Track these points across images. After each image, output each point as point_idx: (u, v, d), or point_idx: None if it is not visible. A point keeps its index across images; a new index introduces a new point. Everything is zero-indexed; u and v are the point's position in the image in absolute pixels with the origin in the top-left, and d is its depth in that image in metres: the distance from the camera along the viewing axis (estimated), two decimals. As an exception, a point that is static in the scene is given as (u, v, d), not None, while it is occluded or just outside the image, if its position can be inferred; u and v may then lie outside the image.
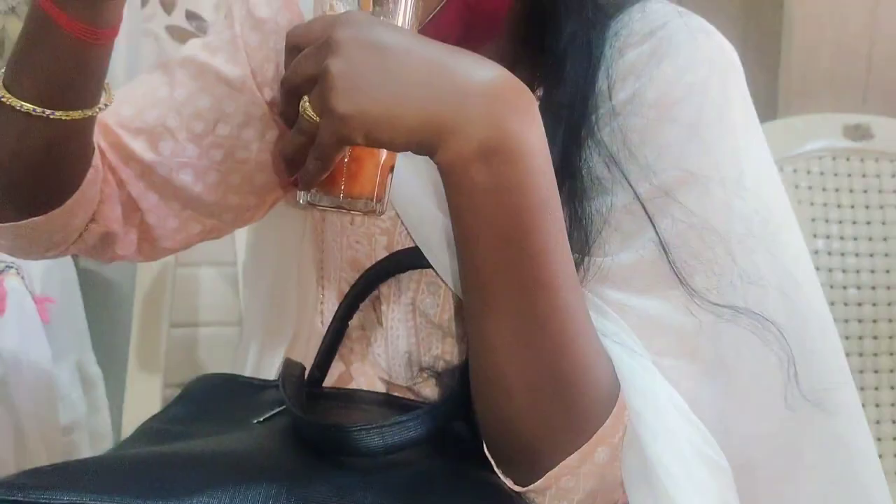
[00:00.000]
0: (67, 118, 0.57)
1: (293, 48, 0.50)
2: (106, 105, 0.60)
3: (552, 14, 0.62)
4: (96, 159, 0.64)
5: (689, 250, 0.57)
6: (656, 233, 0.58)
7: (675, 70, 0.60)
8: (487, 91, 0.48)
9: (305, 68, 0.48)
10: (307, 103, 0.48)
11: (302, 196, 0.53)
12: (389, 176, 0.54)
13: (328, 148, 0.48)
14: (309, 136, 0.49)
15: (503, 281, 0.50)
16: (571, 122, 0.61)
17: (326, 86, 0.46)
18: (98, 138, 0.65)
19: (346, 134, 0.47)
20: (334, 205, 0.53)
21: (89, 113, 0.59)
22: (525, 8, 0.63)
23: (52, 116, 0.57)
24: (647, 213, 0.58)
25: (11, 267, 0.92)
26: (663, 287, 0.57)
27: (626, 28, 0.63)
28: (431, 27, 0.59)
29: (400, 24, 0.52)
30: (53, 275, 0.95)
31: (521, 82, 0.50)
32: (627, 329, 0.57)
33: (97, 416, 0.97)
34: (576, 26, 0.62)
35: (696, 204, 0.58)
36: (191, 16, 1.30)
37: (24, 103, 0.56)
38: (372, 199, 0.53)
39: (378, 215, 0.54)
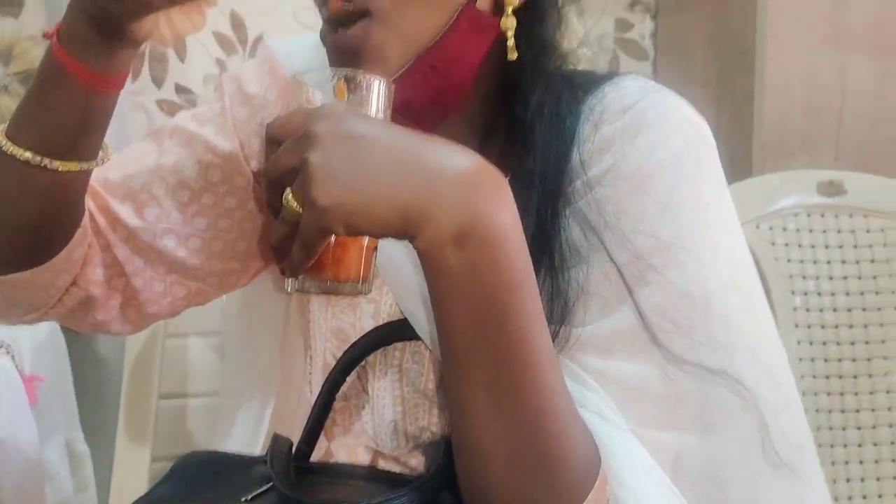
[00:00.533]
0: (65, 169, 0.59)
1: (273, 141, 0.52)
2: (104, 161, 0.62)
3: (519, 83, 0.65)
4: (85, 220, 0.66)
5: (667, 317, 0.59)
6: (634, 301, 0.59)
7: (648, 145, 0.62)
8: (459, 178, 0.49)
9: (286, 161, 0.49)
10: (290, 195, 0.49)
11: (290, 283, 0.55)
12: (374, 255, 0.56)
13: (311, 238, 0.49)
14: (293, 226, 0.50)
15: (480, 357, 0.51)
16: (545, 190, 0.63)
17: (306, 178, 0.48)
18: (87, 201, 0.67)
19: (326, 225, 0.48)
20: (321, 290, 0.54)
21: (86, 167, 0.60)
22: (495, 74, 0.65)
23: (49, 166, 0.58)
24: (625, 281, 0.60)
25: (1, 346, 0.93)
26: (643, 354, 0.59)
27: (601, 104, 0.65)
28: (400, 83, 0.59)
29: (374, 112, 0.54)
30: (44, 353, 0.96)
31: (493, 167, 0.51)
32: (607, 399, 0.58)
33: (84, 495, 0.97)
34: (543, 97, 0.64)
35: (673, 273, 0.60)
36: (180, 89, 1.34)
37: (24, 152, 0.58)
38: (358, 282, 0.55)
39: (365, 295, 0.56)
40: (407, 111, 0.62)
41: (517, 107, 0.65)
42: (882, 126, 1.50)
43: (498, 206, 0.50)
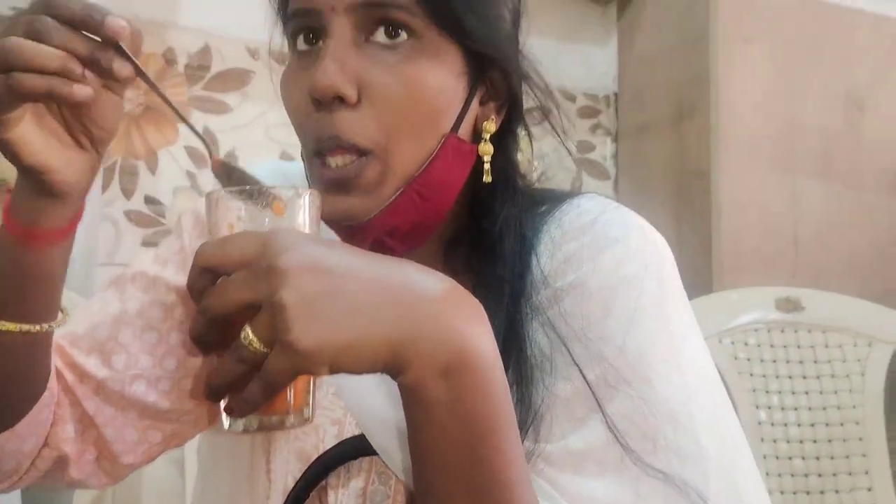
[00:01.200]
0: (16, 330, 0.56)
1: (206, 270, 0.47)
2: (61, 323, 0.60)
3: (489, 201, 0.66)
4: (52, 381, 0.64)
5: (636, 427, 0.59)
6: (604, 414, 0.59)
7: (612, 263, 0.63)
8: (440, 306, 0.48)
9: (239, 295, 0.45)
10: (251, 335, 0.45)
11: (231, 423, 0.50)
12: (318, 381, 0.55)
13: (280, 380, 0.46)
14: (251, 366, 0.46)
15: (461, 487, 0.50)
16: (512, 298, 0.64)
17: (280, 318, 0.44)
18: (54, 359, 0.65)
19: (306, 367, 0.45)
20: (267, 426, 0.51)
21: (37, 328, 0.58)
22: (466, 197, 0.67)
23: (1, 328, 0.56)
24: (594, 394, 0.60)
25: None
26: (614, 472, 0.58)
27: (564, 220, 0.67)
28: (389, 211, 0.61)
29: (310, 226, 0.51)
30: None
31: (465, 289, 0.51)
32: None
33: None
34: (510, 212, 0.66)
35: (640, 386, 0.60)
36: (150, 200, 1.35)
37: None
38: (304, 411, 0.51)
39: (310, 423, 0.53)
40: (393, 236, 0.63)
41: (485, 221, 0.66)
42: (834, 245, 1.55)
43: (478, 332, 0.50)
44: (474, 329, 0.49)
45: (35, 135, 0.53)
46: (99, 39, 0.51)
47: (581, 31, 1.73)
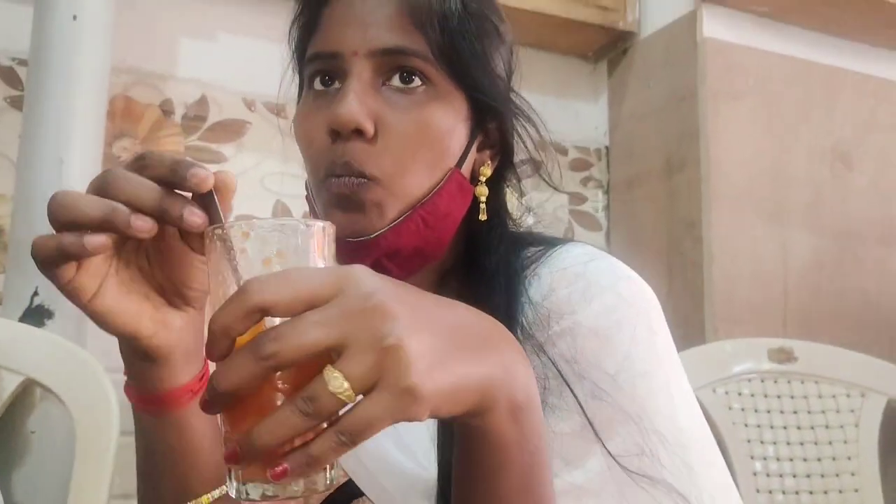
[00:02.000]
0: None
1: (258, 311, 0.41)
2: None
3: (484, 238, 0.70)
4: None
5: (638, 464, 0.62)
6: (605, 450, 0.62)
7: (605, 308, 0.66)
8: (514, 347, 0.49)
9: (323, 337, 0.41)
10: (344, 381, 0.40)
11: (251, 489, 0.44)
12: None
13: (374, 428, 0.41)
14: (325, 419, 0.41)
15: None
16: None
17: (397, 361, 0.40)
18: None
19: (412, 414, 0.41)
20: (294, 493, 0.44)
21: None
22: (461, 233, 0.71)
23: None
24: (594, 430, 0.63)
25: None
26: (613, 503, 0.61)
27: (555, 265, 0.69)
28: (394, 232, 0.64)
29: (327, 257, 0.48)
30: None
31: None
32: None
33: None
34: (505, 251, 0.69)
35: (640, 422, 0.63)
36: (143, 248, 1.35)
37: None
38: (335, 470, 0.45)
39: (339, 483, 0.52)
40: (393, 259, 0.66)
41: (481, 257, 0.69)
42: (824, 296, 1.56)
43: (524, 368, 0.49)
44: (528, 369, 0.50)
45: (122, 301, 0.52)
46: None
47: (572, 88, 1.77)
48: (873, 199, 1.65)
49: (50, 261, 0.48)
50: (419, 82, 0.65)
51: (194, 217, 0.48)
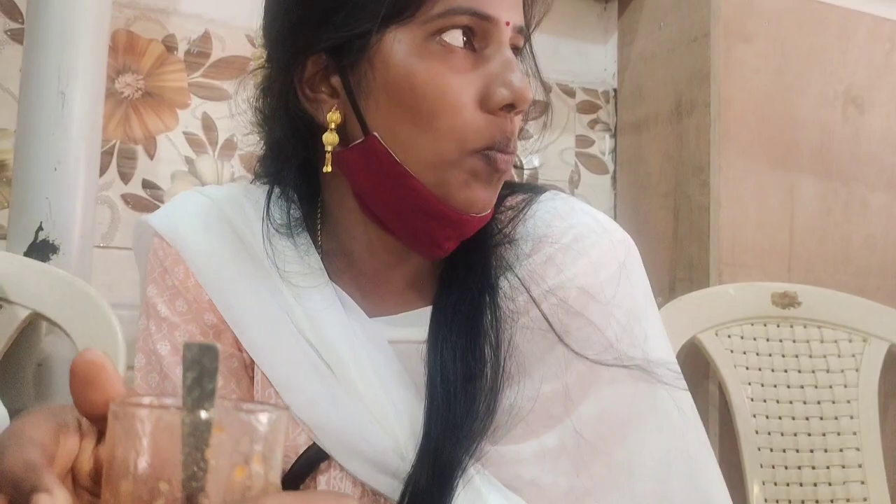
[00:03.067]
0: None
1: None
2: None
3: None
4: None
5: (616, 420, 0.66)
6: (580, 415, 0.66)
7: (591, 266, 0.69)
8: None
9: None
10: None
11: None
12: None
13: None
14: None
15: None
16: (494, 304, 0.68)
17: None
18: None
19: None
20: None
21: None
22: None
23: None
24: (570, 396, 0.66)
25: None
26: (586, 465, 0.64)
27: (539, 222, 0.72)
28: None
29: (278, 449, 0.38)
30: None
31: None
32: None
33: None
34: (490, 224, 0.70)
35: (616, 379, 0.67)
36: (148, 184, 1.35)
37: None
38: None
39: None
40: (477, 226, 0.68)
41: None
42: (830, 241, 1.56)
43: None
44: None
45: None
46: None
47: (581, 28, 1.74)
48: (884, 144, 1.63)
49: None
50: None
51: None
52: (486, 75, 0.63)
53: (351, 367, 0.67)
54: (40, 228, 1.15)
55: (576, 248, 0.70)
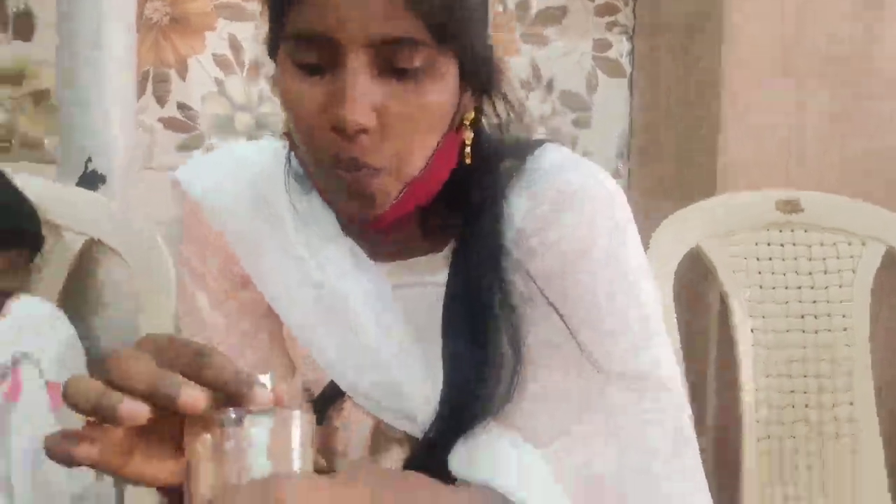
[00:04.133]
0: None
1: None
2: None
3: (470, 178, 0.74)
4: None
5: (602, 346, 0.72)
6: (579, 344, 0.71)
7: (581, 222, 0.72)
8: None
9: None
10: None
11: None
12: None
13: None
14: None
15: None
16: (494, 259, 0.73)
17: None
18: None
19: None
20: None
21: None
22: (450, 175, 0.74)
23: None
24: (569, 329, 0.71)
25: (28, 357, 1.03)
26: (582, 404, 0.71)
27: (533, 178, 0.75)
28: (395, 207, 0.69)
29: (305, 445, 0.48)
30: (65, 362, 1.06)
31: None
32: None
33: (102, 483, 1.08)
34: (488, 183, 0.74)
35: (609, 319, 0.72)
36: (182, 106, 1.43)
37: None
38: None
39: None
40: (396, 221, 0.71)
41: (473, 192, 0.74)
42: (838, 149, 1.60)
43: None
44: None
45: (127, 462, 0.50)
46: None
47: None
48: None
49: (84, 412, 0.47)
50: (417, 64, 0.63)
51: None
52: (328, 94, 0.64)
53: (360, 315, 0.76)
54: (89, 160, 1.24)
55: (567, 204, 0.72)
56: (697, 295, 1.52)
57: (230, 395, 0.46)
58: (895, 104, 1.63)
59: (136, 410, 0.45)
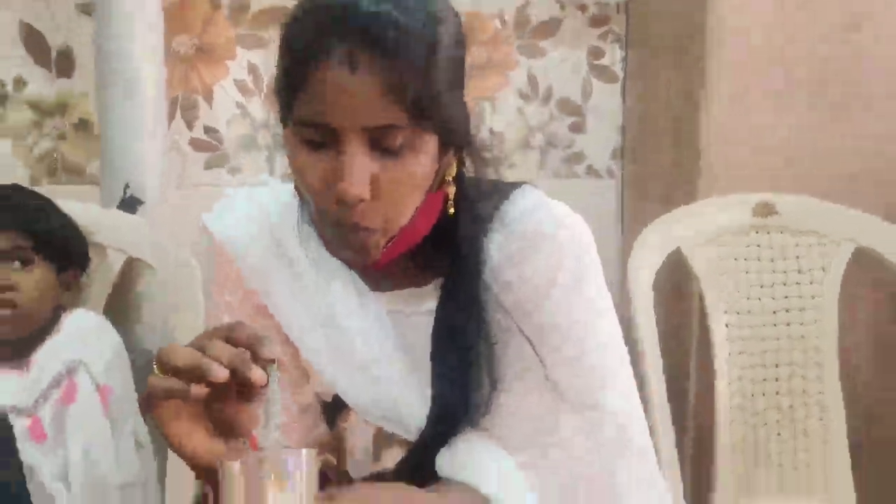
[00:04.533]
0: None
1: None
2: None
3: (453, 224, 0.86)
4: None
5: (565, 375, 0.86)
6: (546, 368, 0.85)
7: (548, 261, 0.85)
8: None
9: None
10: None
11: None
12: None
13: None
14: None
15: None
16: (475, 291, 0.86)
17: None
18: None
19: None
20: None
21: None
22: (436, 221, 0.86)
23: None
24: (538, 355, 0.85)
25: (81, 364, 1.21)
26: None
27: (507, 221, 0.87)
28: (385, 254, 0.81)
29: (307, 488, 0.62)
30: (113, 368, 1.24)
31: None
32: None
33: (147, 472, 1.25)
34: (469, 227, 0.86)
35: (571, 348, 0.86)
36: (208, 129, 1.58)
37: None
38: None
39: None
40: (375, 267, 0.84)
41: (451, 235, 0.86)
42: (818, 152, 1.70)
43: None
44: None
45: (188, 430, 0.67)
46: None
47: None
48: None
49: (159, 397, 0.64)
50: (402, 142, 0.75)
51: (259, 377, 0.63)
52: (330, 169, 0.75)
53: (363, 345, 0.90)
54: (127, 186, 1.41)
55: (537, 245, 0.84)
56: (681, 294, 1.65)
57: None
58: (874, 115, 1.72)
59: (222, 372, 0.62)
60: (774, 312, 1.59)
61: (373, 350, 0.91)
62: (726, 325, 1.56)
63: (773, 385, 1.57)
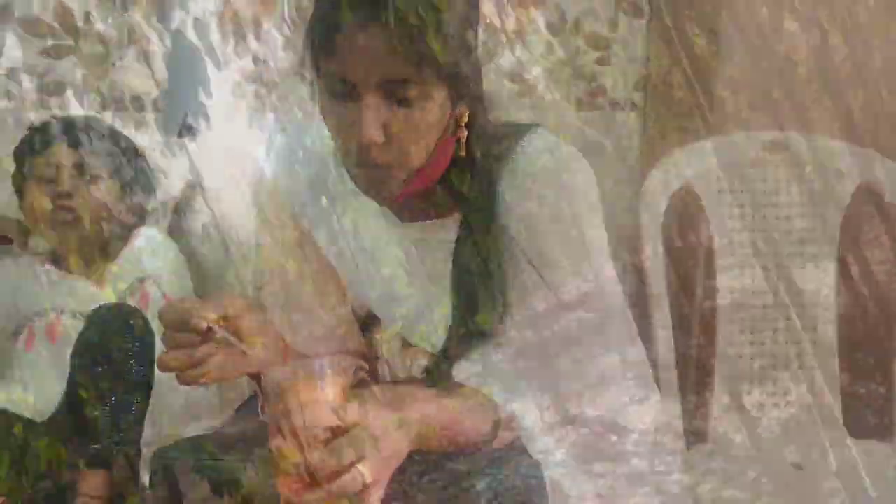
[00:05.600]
0: None
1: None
2: None
3: (467, 163, 0.96)
4: None
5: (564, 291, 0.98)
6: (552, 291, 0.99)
7: (555, 195, 0.96)
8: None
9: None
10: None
11: None
12: None
13: None
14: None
15: None
16: (490, 227, 0.99)
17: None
18: None
19: None
20: None
21: None
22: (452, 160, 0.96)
23: None
24: (543, 280, 0.97)
25: (150, 277, 1.39)
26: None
27: (519, 162, 0.97)
28: (406, 188, 0.92)
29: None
30: (177, 280, 1.42)
31: None
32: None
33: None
34: (481, 168, 0.97)
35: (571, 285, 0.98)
36: (256, 60, 1.70)
37: None
38: None
39: None
40: (396, 201, 0.95)
41: (466, 172, 0.96)
42: (832, 86, 1.77)
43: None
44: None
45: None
46: None
47: None
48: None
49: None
50: (415, 94, 0.86)
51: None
52: (352, 118, 0.87)
53: (392, 268, 1.04)
54: (186, 115, 1.55)
55: (545, 180, 0.94)
56: (686, 229, 1.74)
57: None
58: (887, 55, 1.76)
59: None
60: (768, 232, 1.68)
61: (403, 275, 1.05)
62: (729, 243, 1.66)
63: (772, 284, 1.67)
